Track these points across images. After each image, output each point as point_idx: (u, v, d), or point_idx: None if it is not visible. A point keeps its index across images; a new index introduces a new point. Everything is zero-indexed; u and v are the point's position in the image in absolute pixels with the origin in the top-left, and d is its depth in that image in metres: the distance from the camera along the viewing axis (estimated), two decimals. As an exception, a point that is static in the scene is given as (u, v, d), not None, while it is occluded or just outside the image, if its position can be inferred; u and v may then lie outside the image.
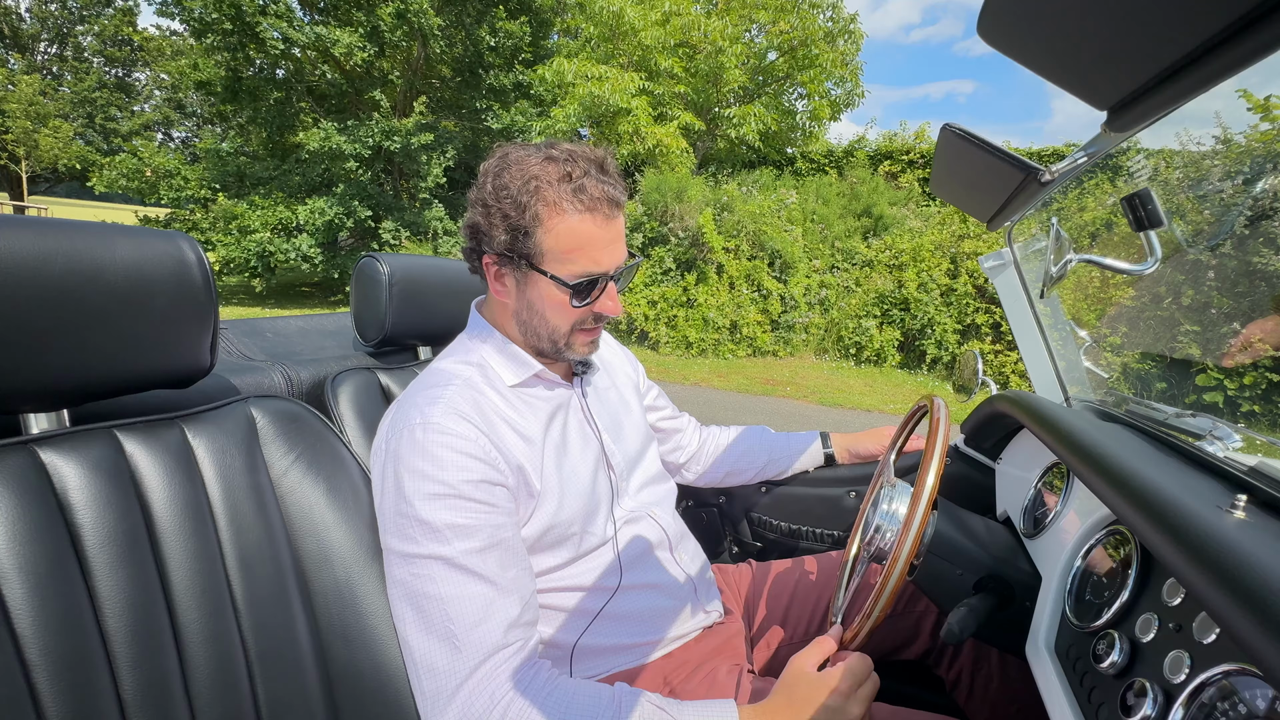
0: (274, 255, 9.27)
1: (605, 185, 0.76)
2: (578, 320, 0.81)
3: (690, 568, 0.96)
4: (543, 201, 0.74)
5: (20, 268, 0.55)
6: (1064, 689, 0.60)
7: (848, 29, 9.62)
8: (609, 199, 0.77)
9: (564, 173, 0.75)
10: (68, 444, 0.60)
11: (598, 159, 0.78)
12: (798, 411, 5.34)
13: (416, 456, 0.70)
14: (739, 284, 7.48)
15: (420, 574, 0.68)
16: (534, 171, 0.75)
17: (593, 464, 0.88)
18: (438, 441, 0.71)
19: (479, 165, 0.82)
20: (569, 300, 0.78)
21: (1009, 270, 1.20)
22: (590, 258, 0.77)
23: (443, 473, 0.70)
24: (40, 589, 0.54)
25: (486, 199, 0.77)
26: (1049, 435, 0.80)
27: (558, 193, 0.74)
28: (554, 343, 0.83)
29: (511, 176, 0.75)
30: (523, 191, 0.74)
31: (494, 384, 0.82)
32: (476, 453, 0.72)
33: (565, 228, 0.75)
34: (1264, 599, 0.38)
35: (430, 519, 0.68)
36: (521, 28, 10.48)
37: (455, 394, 0.76)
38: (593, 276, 0.78)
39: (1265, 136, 1.55)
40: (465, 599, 0.67)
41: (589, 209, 0.75)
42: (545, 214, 0.75)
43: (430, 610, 0.67)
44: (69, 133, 20.22)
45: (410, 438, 0.71)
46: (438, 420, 0.72)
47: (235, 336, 1.11)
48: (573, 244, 0.76)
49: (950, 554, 0.80)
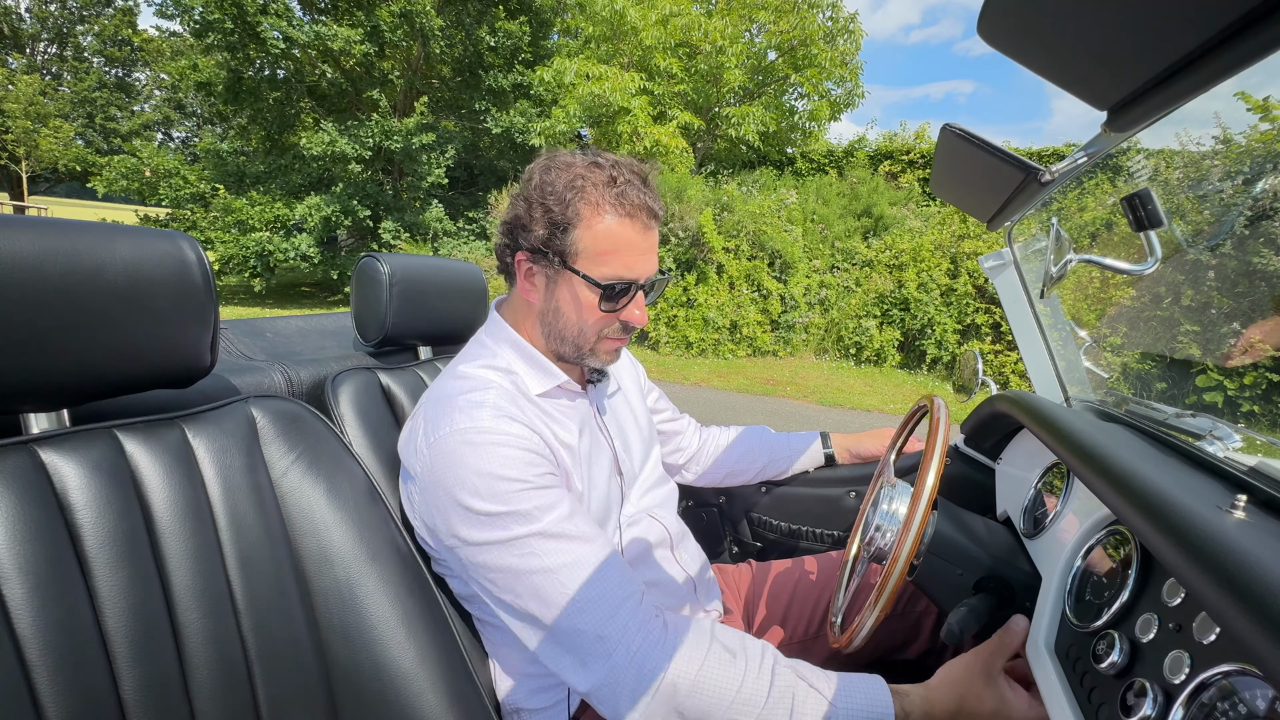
0: (273, 254, 9.27)
1: (646, 196, 0.78)
2: (604, 326, 0.82)
3: (690, 567, 0.96)
4: (585, 200, 0.76)
5: (20, 267, 0.55)
6: (1064, 689, 0.60)
7: (847, 28, 9.62)
8: (648, 209, 0.78)
9: (609, 177, 0.77)
10: (68, 444, 0.60)
11: (641, 172, 0.80)
12: (798, 411, 5.34)
13: (481, 459, 0.70)
14: (739, 284, 7.48)
15: (526, 554, 0.69)
16: (580, 172, 0.77)
17: (606, 472, 0.89)
18: (498, 441, 0.72)
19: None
20: (598, 302, 0.79)
21: (1009, 270, 1.20)
22: (624, 262, 0.78)
23: (512, 469, 0.71)
24: (40, 589, 0.54)
25: (530, 194, 0.79)
26: (1049, 435, 0.80)
27: (601, 194, 0.76)
28: (578, 347, 0.83)
29: (557, 174, 0.78)
30: (568, 189, 0.76)
31: (524, 392, 0.82)
32: (535, 448, 0.74)
33: (604, 228, 0.77)
34: (1264, 599, 0.38)
35: (514, 509, 0.69)
36: (521, 28, 10.48)
37: (497, 398, 0.77)
38: (625, 281, 0.78)
39: (1265, 137, 1.55)
40: (575, 565, 0.69)
41: (629, 214, 0.77)
42: (586, 213, 0.76)
43: (545, 584, 0.68)
44: (69, 133, 20.22)
45: (468, 441, 0.71)
46: (489, 424, 0.73)
47: (235, 336, 1.11)
48: (609, 246, 0.77)
49: (950, 554, 0.80)
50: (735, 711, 0.65)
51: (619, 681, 0.65)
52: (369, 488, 0.79)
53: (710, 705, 0.65)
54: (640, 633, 0.67)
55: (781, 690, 0.66)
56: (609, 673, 0.66)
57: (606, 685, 0.66)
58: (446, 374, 0.85)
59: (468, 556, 0.72)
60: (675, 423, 1.21)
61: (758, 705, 0.65)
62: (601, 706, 0.67)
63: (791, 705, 0.66)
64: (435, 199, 10.31)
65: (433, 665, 0.72)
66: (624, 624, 0.67)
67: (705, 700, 0.65)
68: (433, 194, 10.45)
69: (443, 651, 0.73)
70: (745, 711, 0.65)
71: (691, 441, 1.24)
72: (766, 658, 0.69)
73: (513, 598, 0.70)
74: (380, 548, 0.75)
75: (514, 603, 0.70)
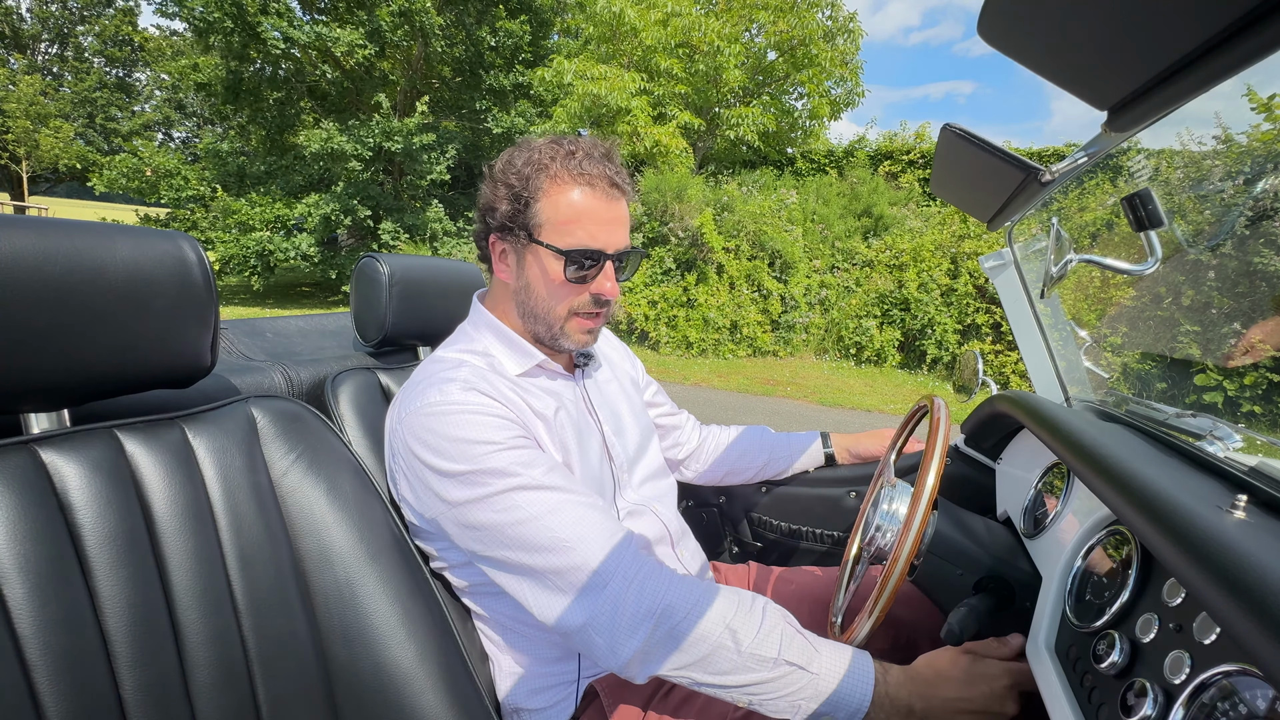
0: (274, 254, 9.28)
1: (607, 168, 0.81)
2: (574, 301, 0.83)
3: (691, 566, 0.96)
4: (545, 174, 0.79)
5: (21, 267, 0.55)
6: (1064, 689, 0.60)
7: (846, 27, 9.62)
8: (609, 179, 0.81)
9: (567, 151, 0.80)
10: (68, 444, 0.60)
11: (603, 147, 0.83)
12: (798, 411, 5.34)
13: (451, 427, 0.72)
14: (739, 284, 7.48)
15: (506, 507, 0.69)
16: (539, 147, 0.82)
17: (595, 456, 0.89)
18: (466, 410, 0.73)
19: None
20: (563, 271, 0.80)
21: (1009, 270, 1.20)
22: (587, 231, 0.80)
23: (483, 432, 0.72)
24: (40, 589, 0.54)
25: (495, 174, 0.83)
26: (1049, 435, 0.80)
27: (560, 166, 0.79)
28: (550, 325, 0.84)
29: (518, 154, 0.83)
30: (527, 164, 0.80)
31: (501, 373, 0.83)
32: (505, 415, 0.75)
33: (564, 199, 0.79)
34: (1264, 599, 0.38)
35: (491, 467, 0.70)
36: (522, 27, 10.48)
37: (468, 374, 0.78)
38: (589, 250, 0.80)
39: (1266, 136, 1.55)
40: (559, 508, 0.69)
41: (589, 183, 0.80)
42: (547, 184, 0.79)
43: (530, 532, 0.69)
44: (69, 133, 20.23)
45: (439, 413, 0.73)
46: (458, 396, 0.74)
47: (235, 336, 1.11)
48: (571, 215, 0.79)
49: (950, 554, 0.80)
50: (727, 638, 0.66)
51: (618, 608, 0.66)
52: (369, 487, 0.79)
53: (705, 629, 0.66)
54: (635, 563, 0.68)
55: (771, 626, 0.68)
56: (607, 600, 0.66)
57: (605, 614, 0.66)
58: (425, 360, 0.86)
59: (454, 520, 0.73)
60: (674, 417, 1.21)
61: (750, 633, 0.66)
62: (598, 637, 0.67)
63: (780, 641, 0.67)
64: (435, 199, 10.31)
65: (433, 665, 0.72)
66: (618, 558, 0.68)
67: (701, 625, 0.66)
68: (433, 194, 10.45)
69: (443, 651, 0.73)
70: (737, 638, 0.66)
71: (691, 437, 1.24)
72: (758, 600, 0.71)
73: (502, 552, 0.70)
74: (380, 547, 0.75)
75: (504, 558, 0.70)
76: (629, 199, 0.85)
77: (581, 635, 0.68)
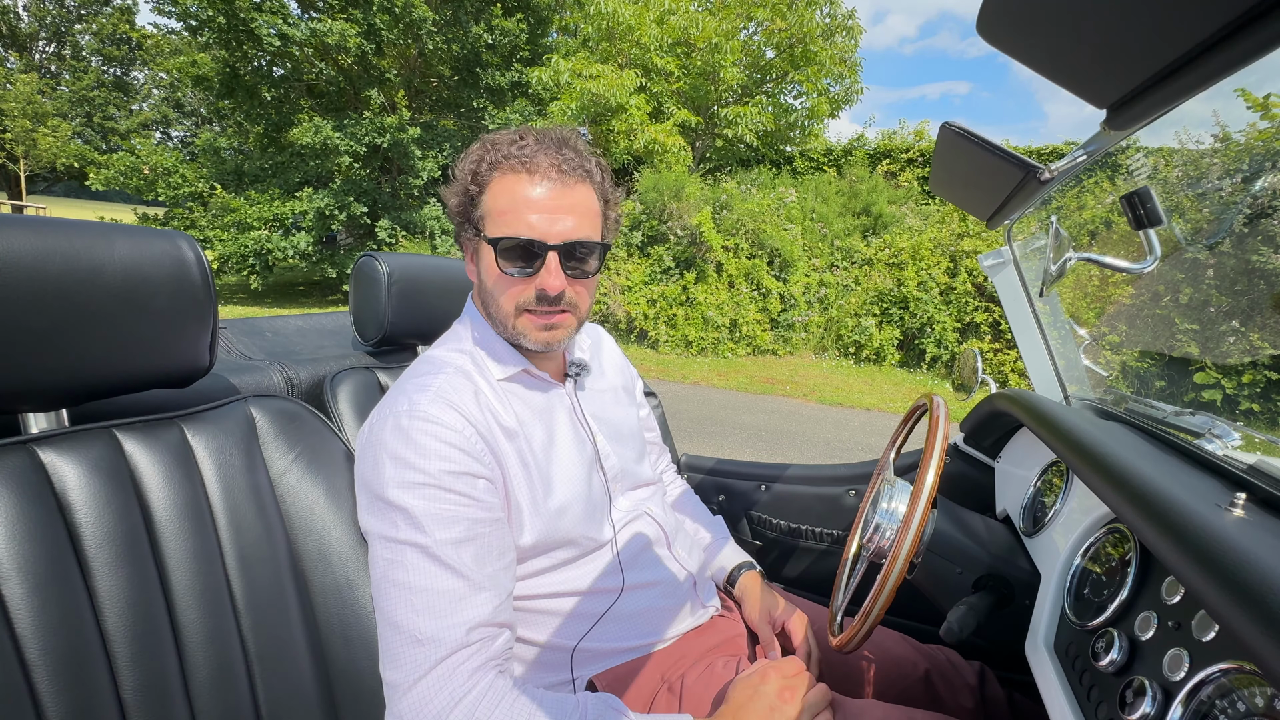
0: (272, 253, 9.27)
1: (555, 155, 0.76)
2: (519, 297, 0.78)
3: (689, 564, 0.96)
4: (489, 164, 0.76)
5: (19, 267, 0.55)
6: (1063, 687, 0.60)
7: (845, 25, 9.61)
8: (556, 166, 0.76)
9: (515, 138, 0.77)
10: (67, 444, 0.60)
11: (561, 135, 0.79)
12: (797, 410, 5.35)
13: (400, 443, 0.69)
14: (738, 283, 7.48)
15: (395, 560, 0.67)
16: (492, 139, 0.78)
17: (586, 466, 0.86)
18: (422, 429, 0.70)
19: None
20: (495, 262, 0.76)
21: (1008, 269, 1.20)
22: (524, 220, 0.74)
23: (425, 461, 0.69)
24: (40, 589, 0.54)
25: (454, 171, 0.81)
26: (1048, 433, 0.80)
27: (503, 154, 0.76)
28: (504, 324, 0.81)
29: (475, 148, 0.79)
30: (478, 158, 0.78)
31: (485, 374, 0.81)
32: (460, 444, 0.71)
33: (503, 187, 0.76)
34: (1262, 597, 0.38)
35: (408, 506, 0.67)
36: (519, 25, 10.46)
37: (445, 382, 0.75)
38: (522, 240, 0.74)
39: (1264, 135, 1.55)
40: (436, 592, 0.66)
41: (528, 170, 0.75)
42: (490, 176, 0.77)
43: (400, 599, 0.66)
44: (67, 132, 20.19)
45: (395, 424, 0.71)
46: (424, 408, 0.71)
47: (234, 336, 1.11)
48: (507, 203, 0.75)
49: (950, 552, 0.80)
50: None
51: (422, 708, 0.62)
52: None
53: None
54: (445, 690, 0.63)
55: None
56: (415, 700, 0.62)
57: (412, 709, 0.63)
58: (417, 360, 0.85)
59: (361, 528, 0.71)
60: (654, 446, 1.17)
61: None
62: None
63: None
64: (433, 197, 10.30)
65: (433, 664, 0.71)
66: (448, 671, 0.63)
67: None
68: (430, 192, 10.43)
69: (443, 650, 0.73)
70: None
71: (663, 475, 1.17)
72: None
73: (376, 592, 0.68)
74: (380, 547, 0.75)
75: (376, 591, 0.68)
76: (598, 187, 0.80)
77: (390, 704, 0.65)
